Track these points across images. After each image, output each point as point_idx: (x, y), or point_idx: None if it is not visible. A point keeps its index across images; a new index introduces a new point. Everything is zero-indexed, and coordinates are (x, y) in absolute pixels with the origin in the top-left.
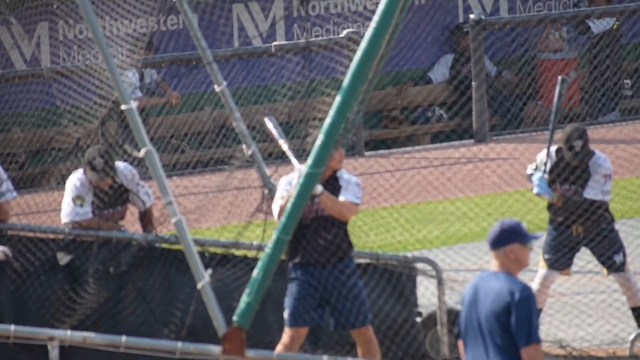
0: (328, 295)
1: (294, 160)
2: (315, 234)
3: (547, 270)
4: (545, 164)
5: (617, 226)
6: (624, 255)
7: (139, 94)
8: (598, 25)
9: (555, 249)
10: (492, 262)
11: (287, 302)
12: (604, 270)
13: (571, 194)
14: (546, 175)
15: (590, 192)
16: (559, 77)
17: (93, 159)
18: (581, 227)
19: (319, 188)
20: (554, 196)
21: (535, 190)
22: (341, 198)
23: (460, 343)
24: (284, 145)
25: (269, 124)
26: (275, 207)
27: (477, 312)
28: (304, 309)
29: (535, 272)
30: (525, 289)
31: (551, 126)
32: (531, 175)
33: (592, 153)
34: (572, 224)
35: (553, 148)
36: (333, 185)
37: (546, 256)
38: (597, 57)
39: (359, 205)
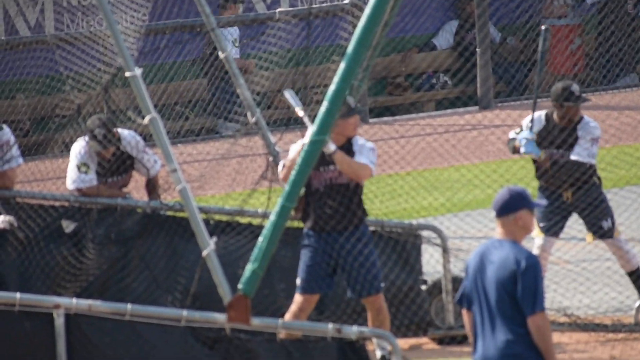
0: (342, 263)
1: (310, 127)
2: (329, 201)
3: (543, 237)
4: (531, 123)
5: (621, 192)
6: (613, 222)
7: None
8: None
9: (548, 216)
10: (497, 230)
11: (300, 268)
12: (588, 237)
13: (558, 156)
14: (533, 134)
15: (576, 154)
16: (542, 27)
17: (93, 129)
18: (570, 192)
19: (331, 147)
20: (541, 155)
21: (522, 149)
22: (358, 159)
23: (464, 311)
24: (300, 112)
25: (288, 96)
26: (280, 163)
27: (483, 280)
28: (316, 276)
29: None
30: (531, 257)
31: (537, 78)
32: (513, 139)
33: (581, 117)
34: (561, 190)
35: (541, 113)
36: (347, 150)
37: (541, 224)
38: (601, 22)
39: (373, 170)
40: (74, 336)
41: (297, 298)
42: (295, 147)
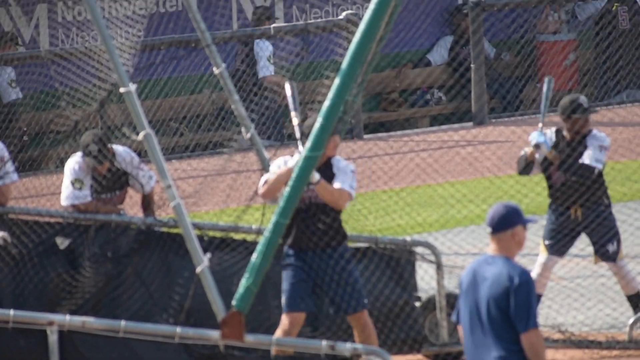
0: (321, 281)
1: (298, 137)
2: (309, 219)
3: (547, 256)
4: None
5: (615, 208)
6: (618, 245)
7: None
8: (584, 10)
9: (556, 235)
10: (491, 246)
11: (283, 287)
12: (595, 259)
13: (564, 156)
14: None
15: (583, 158)
16: (545, 78)
17: (87, 145)
18: (580, 209)
19: (316, 176)
20: (552, 151)
21: (534, 141)
22: (336, 185)
23: (460, 328)
24: (295, 119)
25: (288, 90)
26: (262, 179)
27: (476, 297)
28: (299, 294)
29: (530, 255)
30: (524, 274)
31: (541, 121)
32: (524, 153)
33: (590, 130)
34: (570, 206)
35: (552, 129)
36: (325, 172)
37: (546, 242)
38: (595, 38)
39: (352, 195)
40: (68, 353)
41: (284, 318)
42: (277, 163)
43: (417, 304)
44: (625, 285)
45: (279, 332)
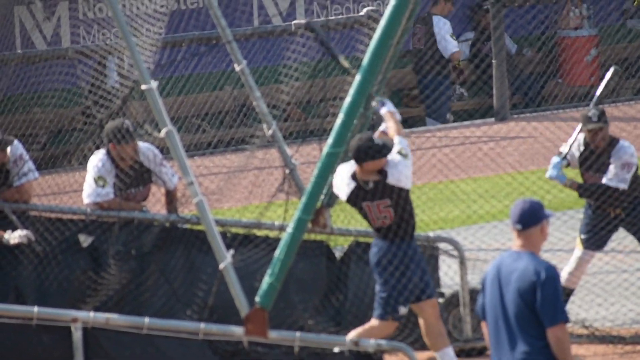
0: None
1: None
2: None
3: (583, 250)
4: (570, 146)
5: None
6: None
7: None
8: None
9: (593, 229)
10: (516, 242)
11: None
12: None
13: (595, 179)
14: (563, 161)
15: (607, 179)
16: (612, 67)
17: (121, 123)
18: (620, 209)
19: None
20: (566, 182)
21: (548, 174)
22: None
23: (483, 323)
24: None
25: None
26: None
27: (501, 292)
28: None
29: (557, 251)
30: (551, 268)
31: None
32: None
33: (617, 141)
34: (608, 208)
35: (582, 135)
36: (380, 181)
37: (583, 236)
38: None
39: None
40: (92, 350)
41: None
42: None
43: (441, 299)
44: None
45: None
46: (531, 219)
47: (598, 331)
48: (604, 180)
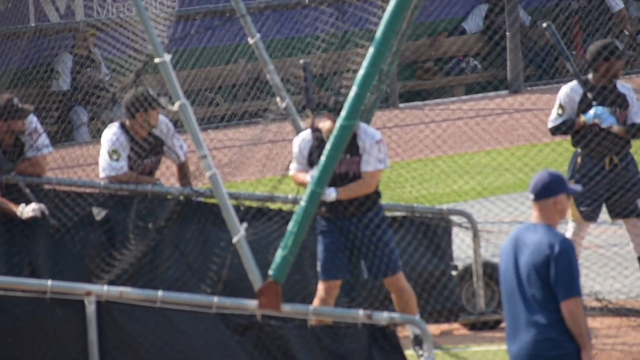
0: (357, 246)
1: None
2: (340, 187)
3: (578, 223)
4: (585, 93)
5: None
6: None
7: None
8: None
9: (586, 200)
10: (533, 213)
11: (318, 255)
12: (609, 216)
13: (622, 121)
14: (607, 108)
15: (635, 117)
16: (544, 24)
17: (143, 92)
18: (616, 157)
19: (332, 194)
20: (621, 127)
21: (606, 123)
22: (362, 169)
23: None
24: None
25: None
26: (291, 166)
27: (516, 264)
28: (334, 261)
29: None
30: (566, 241)
31: (571, 68)
32: (562, 122)
33: (614, 80)
34: (606, 153)
35: (571, 86)
36: (351, 146)
37: (582, 208)
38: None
39: (384, 166)
40: (106, 323)
41: (320, 286)
42: (296, 142)
43: (454, 273)
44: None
45: (316, 301)
46: (544, 190)
47: (611, 304)
48: (634, 118)
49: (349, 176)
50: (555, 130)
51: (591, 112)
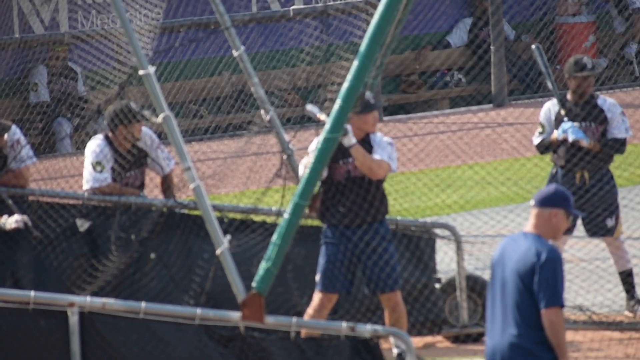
0: (359, 257)
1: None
2: (350, 193)
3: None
4: (559, 110)
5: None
6: (617, 220)
7: None
8: None
9: None
10: (529, 221)
11: (320, 265)
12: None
13: (591, 129)
14: (576, 123)
15: (616, 131)
16: (532, 46)
17: (125, 105)
18: (587, 173)
19: (352, 139)
20: (590, 141)
21: (572, 137)
22: (375, 155)
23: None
24: (323, 117)
25: (310, 109)
26: (301, 168)
27: (502, 270)
28: (335, 275)
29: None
30: (553, 251)
31: (554, 90)
32: (542, 140)
33: (597, 95)
34: (576, 169)
35: (551, 101)
36: (365, 145)
37: None
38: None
39: (392, 166)
40: (89, 334)
41: (317, 296)
42: (313, 147)
43: (437, 285)
44: (618, 260)
45: (310, 310)
46: (545, 199)
47: (595, 315)
48: (614, 134)
49: (365, 179)
50: (539, 147)
51: (561, 127)
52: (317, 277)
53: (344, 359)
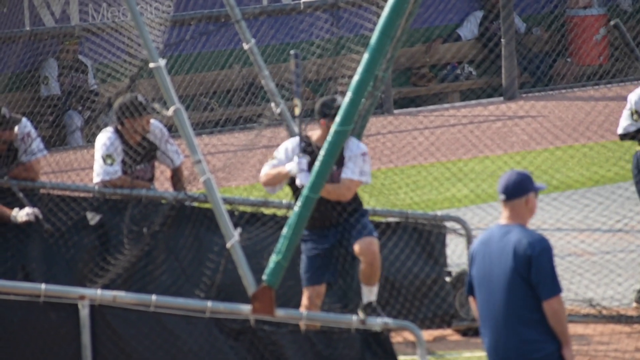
0: (339, 242)
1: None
2: (321, 201)
3: None
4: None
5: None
6: None
7: None
8: None
9: None
10: (503, 214)
11: (302, 262)
12: None
13: None
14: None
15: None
16: (611, 23)
17: (134, 97)
18: None
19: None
20: None
21: None
22: (342, 175)
23: (471, 299)
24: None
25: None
26: (265, 167)
27: (493, 266)
28: (315, 267)
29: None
30: (544, 241)
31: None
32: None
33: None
34: None
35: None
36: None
37: None
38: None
39: (364, 180)
40: (99, 327)
41: (304, 293)
42: (281, 149)
43: (448, 279)
44: None
45: (301, 309)
46: (515, 190)
47: (605, 310)
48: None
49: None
50: (624, 136)
51: None
52: (301, 274)
53: (354, 352)
